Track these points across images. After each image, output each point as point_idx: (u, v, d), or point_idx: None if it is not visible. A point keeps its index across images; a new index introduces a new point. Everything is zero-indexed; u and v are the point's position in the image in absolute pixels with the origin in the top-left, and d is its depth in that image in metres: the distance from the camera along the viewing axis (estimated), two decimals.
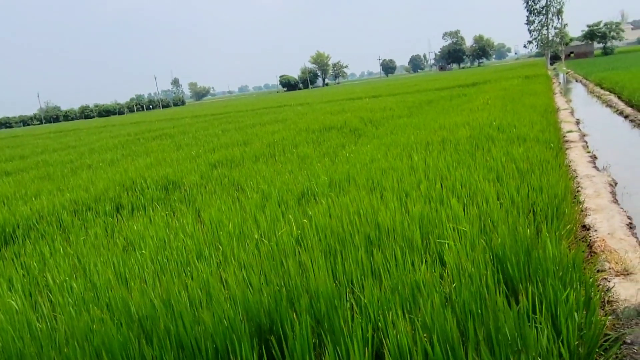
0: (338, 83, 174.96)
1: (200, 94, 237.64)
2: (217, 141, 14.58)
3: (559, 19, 66.04)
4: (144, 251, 4.55)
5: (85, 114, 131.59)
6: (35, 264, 4.79)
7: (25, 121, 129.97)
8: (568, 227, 4.10)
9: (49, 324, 3.24)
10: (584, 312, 2.62)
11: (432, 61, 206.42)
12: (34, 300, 3.91)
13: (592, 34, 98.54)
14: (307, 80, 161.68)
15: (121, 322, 2.93)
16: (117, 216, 6.67)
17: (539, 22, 66.96)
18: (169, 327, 2.69)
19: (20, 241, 6.03)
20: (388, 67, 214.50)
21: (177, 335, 2.67)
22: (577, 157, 7.85)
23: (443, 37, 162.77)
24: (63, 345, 2.79)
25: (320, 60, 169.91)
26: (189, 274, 3.74)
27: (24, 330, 3.13)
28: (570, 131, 10.41)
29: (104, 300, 3.46)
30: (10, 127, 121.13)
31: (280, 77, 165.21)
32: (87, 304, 3.45)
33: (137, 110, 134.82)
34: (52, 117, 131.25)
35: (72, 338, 2.85)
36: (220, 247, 4.32)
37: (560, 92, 22.52)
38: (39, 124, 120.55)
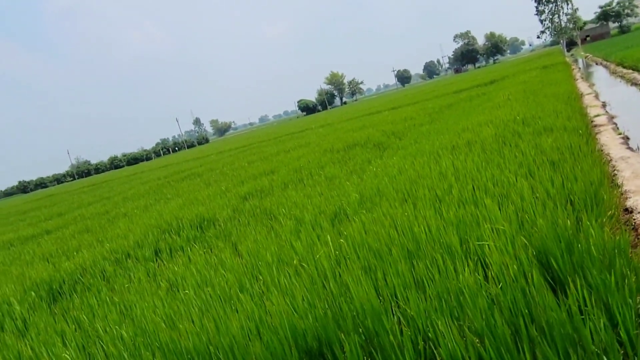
0: (356, 100, 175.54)
1: (222, 129, 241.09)
2: (244, 173, 14.74)
3: (568, 4, 65.23)
4: (187, 291, 4.60)
5: (114, 164, 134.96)
6: (85, 317, 4.89)
7: (58, 179, 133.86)
8: (609, 212, 3.99)
9: None
10: (638, 298, 2.54)
11: (447, 65, 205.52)
12: (87, 352, 3.99)
13: (605, 15, 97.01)
14: (325, 101, 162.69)
15: None
16: (157, 260, 6.78)
17: (549, 11, 66.27)
18: None
19: (67, 296, 6.17)
20: (403, 77, 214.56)
21: None
22: (608, 140, 7.67)
23: (454, 39, 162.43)
24: None
25: (335, 80, 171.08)
26: (233, 307, 3.77)
27: None
28: (597, 115, 10.19)
29: (154, 344, 3.51)
30: (46, 186, 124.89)
31: (298, 102, 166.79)
32: (138, 349, 3.50)
33: (163, 154, 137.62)
34: (83, 171, 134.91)
35: None
36: (260, 277, 4.34)
37: (582, 78, 22.14)
38: (72, 180, 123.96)
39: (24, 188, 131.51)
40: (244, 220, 7.54)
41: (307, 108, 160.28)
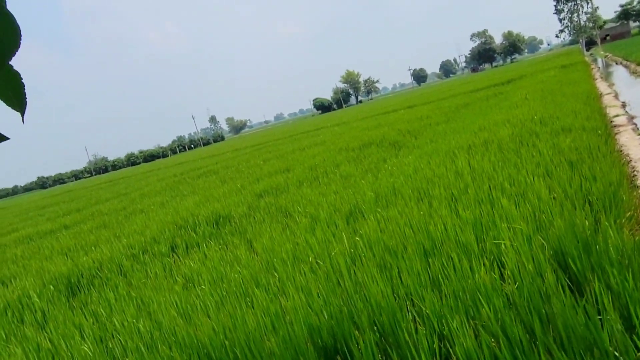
0: (371, 99, 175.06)
1: (237, 127, 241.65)
2: (260, 171, 14.80)
3: (588, 3, 64.31)
4: (203, 286, 4.65)
5: (131, 161, 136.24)
6: (102, 310, 4.96)
7: (76, 175, 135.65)
8: (628, 214, 3.95)
9: None
10: None
11: (464, 64, 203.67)
12: (104, 345, 4.05)
13: (626, 14, 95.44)
14: (341, 100, 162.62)
15: (190, 355, 3.00)
16: (173, 255, 6.84)
17: (568, 10, 65.40)
18: (237, 355, 2.74)
19: (85, 290, 6.26)
20: (419, 76, 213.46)
21: None
22: (627, 140, 7.56)
23: (471, 38, 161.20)
24: None
25: (351, 79, 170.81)
26: (249, 303, 3.80)
27: None
28: (617, 115, 10.05)
29: (171, 338, 3.55)
30: (64, 182, 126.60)
31: (313, 100, 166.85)
32: (155, 343, 3.55)
33: (179, 151, 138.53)
34: (101, 168, 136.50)
35: None
36: (276, 274, 4.37)
37: (601, 77, 21.84)
38: (89, 176, 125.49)
39: (42, 184, 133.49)
40: (259, 217, 7.58)
41: (322, 106, 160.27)
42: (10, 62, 1.20)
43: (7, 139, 1.32)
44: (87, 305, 5.44)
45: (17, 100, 1.26)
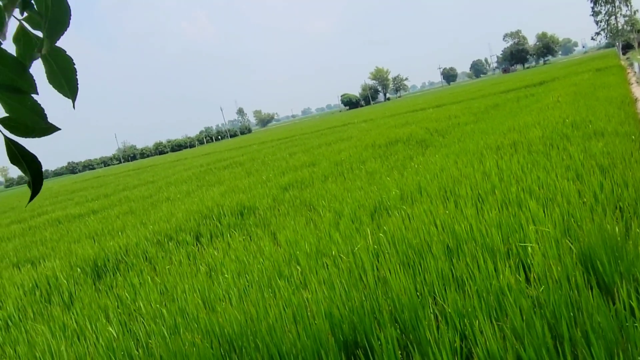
0: (399, 96, 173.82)
1: (265, 120, 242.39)
2: (285, 164, 14.86)
3: (627, 6, 62.53)
4: (226, 275, 4.70)
5: (159, 150, 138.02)
6: (127, 294, 5.06)
7: (105, 162, 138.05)
8: None
9: (145, 349, 3.41)
10: None
11: (495, 64, 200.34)
12: (128, 328, 4.13)
13: None
14: (369, 96, 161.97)
15: (212, 342, 3.04)
16: (197, 244, 6.93)
17: (605, 12, 63.66)
18: (258, 345, 2.77)
19: (111, 274, 6.38)
20: (449, 75, 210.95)
21: (267, 351, 2.74)
22: None
23: (504, 38, 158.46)
24: None
25: (380, 76, 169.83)
26: (271, 293, 3.83)
27: (125, 357, 3.31)
28: None
29: (193, 324, 3.60)
30: (93, 168, 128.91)
31: (341, 96, 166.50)
32: (178, 328, 3.60)
33: (206, 142, 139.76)
34: (129, 155, 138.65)
35: None
36: (298, 267, 4.39)
37: (637, 82, 21.29)
38: (118, 163, 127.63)
39: (72, 169, 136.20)
40: (284, 210, 7.61)
41: (350, 102, 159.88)
42: (61, 47, 1.21)
43: (58, 129, 1.31)
44: (113, 289, 5.55)
45: (69, 86, 1.25)
